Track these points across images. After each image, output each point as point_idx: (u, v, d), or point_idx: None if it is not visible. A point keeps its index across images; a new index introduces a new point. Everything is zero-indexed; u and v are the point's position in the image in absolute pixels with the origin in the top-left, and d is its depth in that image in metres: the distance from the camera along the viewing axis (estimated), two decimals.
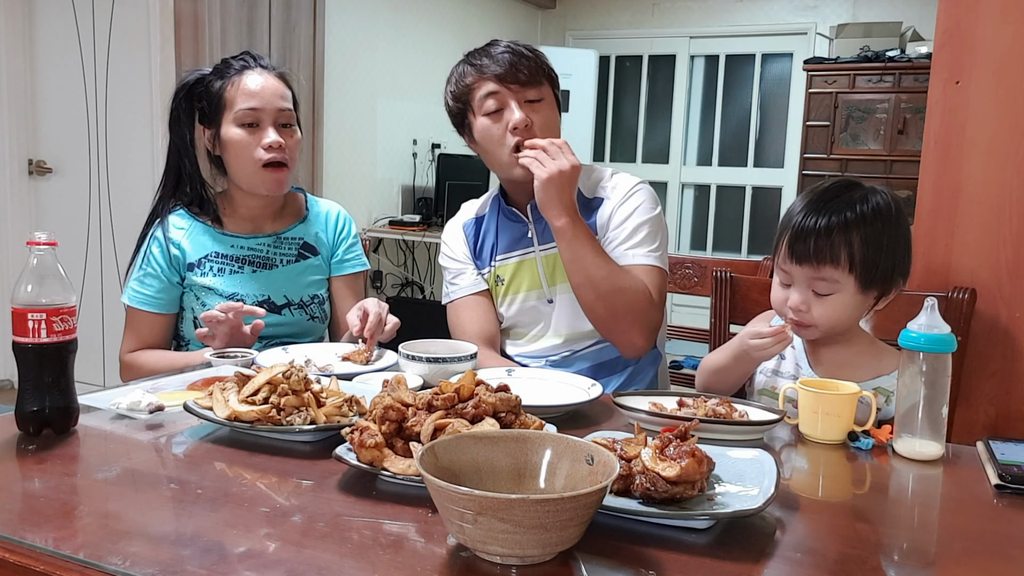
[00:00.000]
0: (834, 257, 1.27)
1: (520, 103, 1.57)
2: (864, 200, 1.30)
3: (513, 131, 1.56)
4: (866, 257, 1.27)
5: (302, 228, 1.78)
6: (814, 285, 1.30)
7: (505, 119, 1.57)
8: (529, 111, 1.58)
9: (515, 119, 1.56)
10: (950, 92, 1.60)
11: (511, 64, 1.57)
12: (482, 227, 1.75)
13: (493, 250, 1.72)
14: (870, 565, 0.79)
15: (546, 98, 1.61)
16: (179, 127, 1.71)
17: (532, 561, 0.75)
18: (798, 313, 1.31)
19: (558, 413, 1.22)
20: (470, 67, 1.60)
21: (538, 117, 1.58)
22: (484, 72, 1.58)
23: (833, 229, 1.27)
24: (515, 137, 1.57)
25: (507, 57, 1.57)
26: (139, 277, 1.67)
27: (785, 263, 1.32)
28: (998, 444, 1.12)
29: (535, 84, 1.58)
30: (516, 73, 1.56)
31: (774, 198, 5.96)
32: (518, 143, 1.56)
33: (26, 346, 1.06)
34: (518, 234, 1.70)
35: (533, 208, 1.66)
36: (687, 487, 0.84)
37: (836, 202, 1.30)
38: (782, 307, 1.34)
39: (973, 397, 1.59)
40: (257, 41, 3.82)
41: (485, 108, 1.59)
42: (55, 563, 0.74)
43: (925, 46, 4.96)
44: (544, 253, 1.67)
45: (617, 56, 6.40)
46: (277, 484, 0.95)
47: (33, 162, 3.87)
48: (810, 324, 1.31)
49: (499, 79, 1.57)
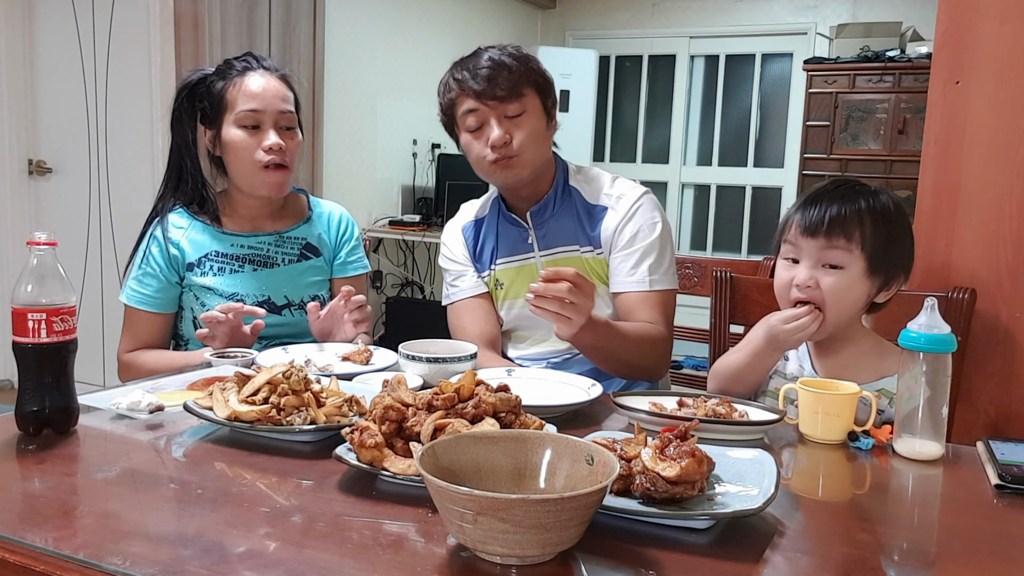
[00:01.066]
0: (847, 232, 1.29)
1: (500, 119, 1.56)
2: (874, 194, 1.33)
3: (492, 148, 1.56)
4: (876, 241, 1.29)
5: (305, 229, 1.78)
6: (825, 257, 1.30)
7: (485, 135, 1.57)
8: (509, 126, 1.57)
9: (493, 136, 1.56)
10: (950, 92, 1.60)
11: (489, 80, 1.55)
12: (482, 230, 1.74)
13: (493, 254, 1.71)
14: (870, 565, 0.79)
15: (528, 110, 1.59)
16: (181, 127, 1.70)
17: (532, 561, 0.75)
18: (805, 290, 1.30)
19: (558, 413, 1.21)
20: (453, 81, 1.60)
21: (519, 131, 1.57)
22: (464, 88, 1.57)
23: (846, 208, 1.30)
24: (495, 153, 1.57)
25: (486, 72, 1.55)
26: (138, 276, 1.67)
27: (795, 238, 1.33)
28: (998, 444, 1.12)
29: (515, 98, 1.56)
30: (494, 89, 1.55)
31: (774, 198, 5.96)
32: (497, 159, 1.57)
33: (26, 346, 1.06)
34: (518, 239, 1.69)
35: (533, 214, 1.66)
36: (687, 487, 0.84)
37: (847, 191, 1.33)
38: (787, 288, 1.34)
39: (973, 397, 1.59)
40: (257, 41, 3.81)
41: (466, 125, 1.59)
42: (55, 563, 0.74)
43: (925, 46, 4.96)
44: (545, 259, 1.66)
45: (617, 56, 6.40)
46: (277, 484, 0.95)
47: (33, 162, 3.87)
48: (817, 304, 1.30)
49: (477, 96, 1.56)
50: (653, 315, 1.60)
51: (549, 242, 1.66)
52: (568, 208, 1.67)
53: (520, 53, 1.60)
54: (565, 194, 1.68)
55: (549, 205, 1.66)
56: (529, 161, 1.60)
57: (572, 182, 1.69)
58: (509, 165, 1.59)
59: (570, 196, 1.68)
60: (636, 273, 1.61)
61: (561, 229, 1.66)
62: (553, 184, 1.68)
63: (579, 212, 1.66)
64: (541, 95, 1.61)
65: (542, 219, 1.67)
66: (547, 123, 1.63)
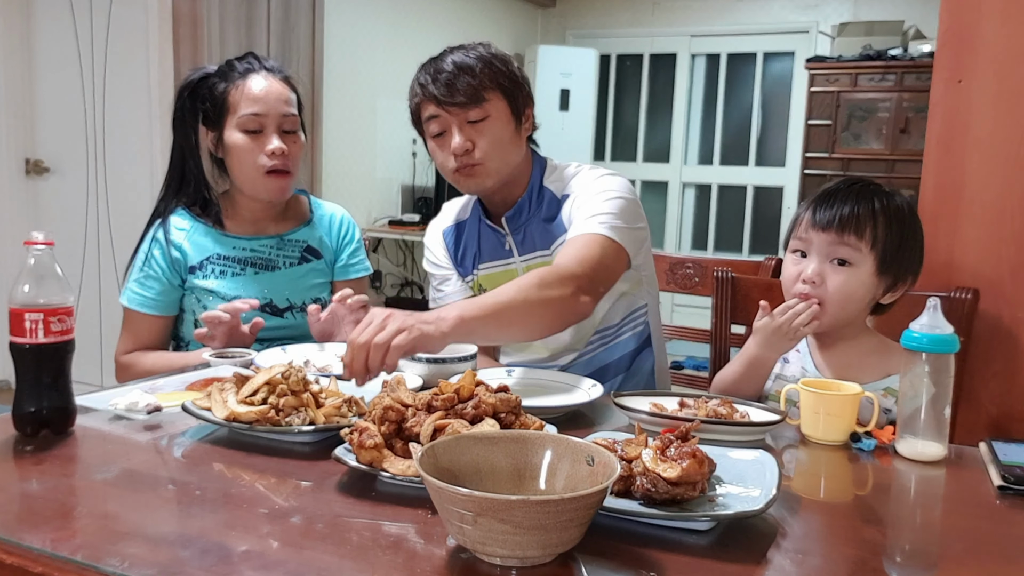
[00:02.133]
0: (859, 228, 1.29)
1: (461, 126, 1.51)
2: (888, 195, 1.33)
3: (454, 156, 1.52)
4: (888, 242, 1.29)
5: (306, 231, 1.77)
6: (835, 252, 1.30)
7: (447, 142, 1.53)
8: (472, 133, 1.51)
9: (454, 144, 1.51)
10: (952, 91, 1.59)
11: (449, 85, 1.49)
12: (463, 234, 1.71)
13: (475, 259, 1.68)
14: (872, 566, 0.79)
15: (492, 115, 1.52)
16: (183, 127, 1.69)
17: (532, 562, 0.74)
18: (811, 286, 1.30)
19: (558, 414, 1.21)
20: (417, 86, 1.55)
21: (482, 138, 1.51)
22: (426, 93, 1.52)
23: (860, 206, 1.30)
24: (457, 162, 1.53)
25: (447, 76, 1.50)
26: (139, 279, 1.66)
27: (806, 232, 1.33)
28: (1001, 445, 1.11)
29: (476, 103, 1.50)
30: (454, 95, 1.49)
31: (775, 197, 5.95)
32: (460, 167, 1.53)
33: (23, 346, 1.05)
34: (497, 244, 1.65)
35: (509, 219, 1.62)
36: (688, 488, 0.83)
37: (861, 189, 1.33)
38: (793, 282, 1.34)
39: (976, 397, 1.58)
40: (256, 41, 3.81)
41: (430, 131, 1.55)
42: (53, 564, 0.73)
43: (927, 45, 4.95)
44: (525, 263, 1.63)
45: (618, 55, 6.39)
46: (276, 485, 0.94)
47: (31, 162, 3.86)
48: (820, 300, 1.30)
49: (438, 102, 1.51)
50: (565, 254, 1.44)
51: (528, 247, 1.62)
52: (542, 210, 1.61)
53: (486, 53, 1.53)
54: (540, 196, 1.62)
55: (524, 209, 1.61)
56: (494, 170, 1.54)
57: (546, 182, 1.63)
58: (472, 174, 1.54)
59: (543, 197, 1.62)
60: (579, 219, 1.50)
61: (538, 232, 1.61)
62: (528, 187, 1.62)
63: (553, 212, 1.61)
64: (508, 97, 1.54)
65: (518, 224, 1.62)
66: (516, 126, 1.56)
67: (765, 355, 1.34)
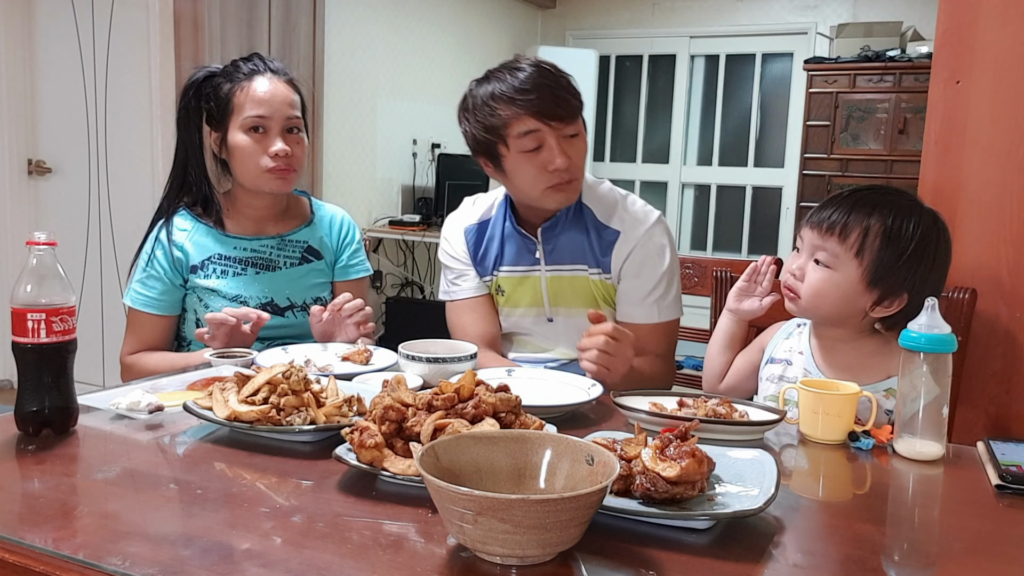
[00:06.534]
0: (844, 235, 1.29)
1: (559, 142, 1.49)
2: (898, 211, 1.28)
3: (554, 172, 1.50)
4: (880, 255, 1.27)
5: (307, 232, 1.78)
6: (815, 253, 1.33)
7: (542, 158, 1.49)
8: (567, 147, 1.50)
9: (558, 163, 1.48)
10: (950, 92, 1.59)
11: (552, 99, 1.47)
12: (486, 234, 1.70)
13: (497, 260, 1.68)
14: (870, 565, 0.79)
15: (581, 131, 1.54)
16: (188, 127, 1.70)
17: (532, 561, 0.74)
18: (789, 277, 1.35)
19: (558, 413, 1.21)
20: (503, 99, 1.48)
21: (575, 153, 1.52)
22: (520, 106, 1.47)
23: (854, 214, 1.29)
24: (555, 178, 1.51)
25: (546, 91, 1.47)
26: (141, 279, 1.67)
27: (803, 227, 1.36)
28: (999, 444, 1.12)
29: (574, 119, 1.50)
30: (556, 109, 1.47)
31: (774, 198, 5.95)
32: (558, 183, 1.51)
33: (25, 346, 1.06)
34: (524, 250, 1.66)
35: (544, 231, 1.63)
36: (687, 487, 0.84)
37: (869, 196, 1.32)
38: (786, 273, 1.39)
39: (974, 397, 1.59)
40: (257, 41, 3.81)
41: (522, 146, 1.49)
42: (55, 563, 0.74)
43: (926, 46, 4.95)
44: (550, 274, 1.64)
45: (617, 56, 6.39)
46: (277, 484, 0.95)
47: (32, 162, 3.87)
48: (794, 294, 1.34)
49: (539, 116, 1.47)
50: (659, 344, 1.61)
51: (556, 258, 1.63)
52: (579, 226, 1.62)
53: (562, 70, 1.53)
54: (577, 211, 1.63)
55: (560, 221, 1.62)
56: (581, 184, 1.58)
57: (584, 199, 1.63)
58: (566, 189, 1.53)
59: (581, 214, 1.63)
60: (644, 304, 1.60)
61: (570, 246, 1.63)
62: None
63: (590, 232, 1.62)
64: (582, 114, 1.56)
65: (552, 235, 1.63)
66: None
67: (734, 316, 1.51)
